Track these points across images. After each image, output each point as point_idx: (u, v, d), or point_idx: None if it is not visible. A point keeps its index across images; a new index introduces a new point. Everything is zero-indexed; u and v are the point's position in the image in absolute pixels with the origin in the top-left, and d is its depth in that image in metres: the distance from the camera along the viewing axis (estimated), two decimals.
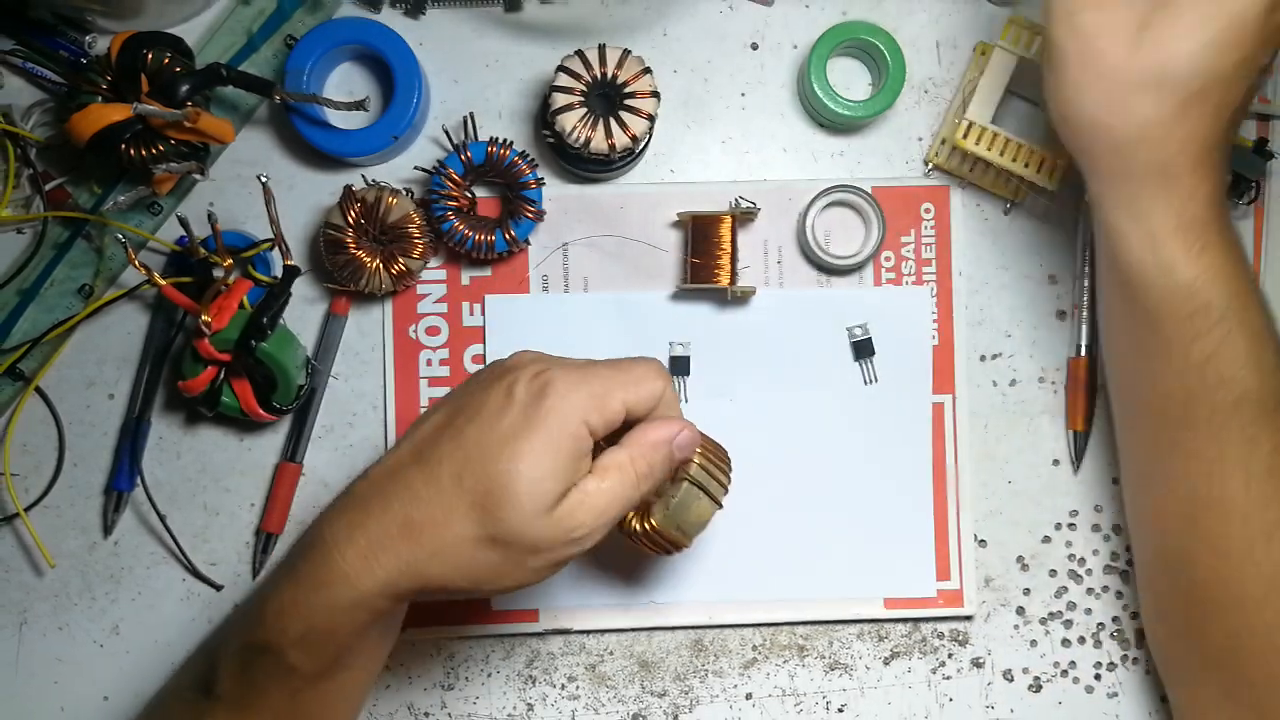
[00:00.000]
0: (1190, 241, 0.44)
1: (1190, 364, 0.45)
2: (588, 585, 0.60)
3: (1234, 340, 0.45)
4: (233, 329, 0.55)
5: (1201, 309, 0.44)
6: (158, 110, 0.54)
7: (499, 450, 0.43)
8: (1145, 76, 0.43)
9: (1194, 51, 0.42)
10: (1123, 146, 0.44)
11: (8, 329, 0.59)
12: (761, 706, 0.61)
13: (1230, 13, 0.42)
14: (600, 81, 0.56)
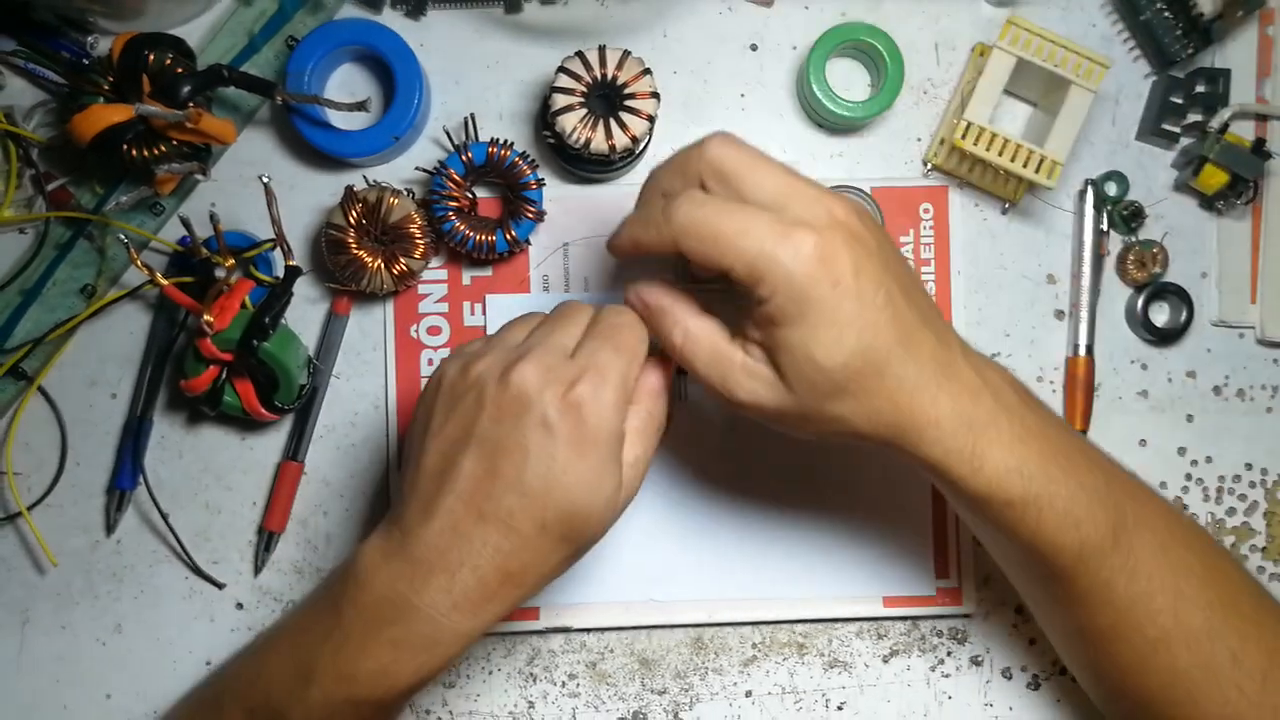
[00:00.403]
0: (965, 459, 0.46)
1: (1021, 543, 0.48)
2: (588, 583, 0.60)
3: (1047, 516, 0.47)
4: (235, 329, 0.55)
5: (1004, 504, 0.46)
6: (159, 111, 0.54)
7: (568, 486, 0.44)
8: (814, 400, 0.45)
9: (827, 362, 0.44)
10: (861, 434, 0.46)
11: (10, 329, 0.59)
12: (761, 704, 0.62)
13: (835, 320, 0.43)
14: (600, 82, 0.56)
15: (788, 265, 0.42)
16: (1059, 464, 0.47)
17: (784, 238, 0.42)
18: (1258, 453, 0.63)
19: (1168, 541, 0.49)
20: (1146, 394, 0.63)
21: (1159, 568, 0.48)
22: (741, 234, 0.43)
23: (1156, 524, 0.49)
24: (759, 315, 0.44)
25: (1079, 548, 0.47)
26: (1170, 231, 0.63)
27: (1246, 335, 0.63)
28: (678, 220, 0.44)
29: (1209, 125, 0.61)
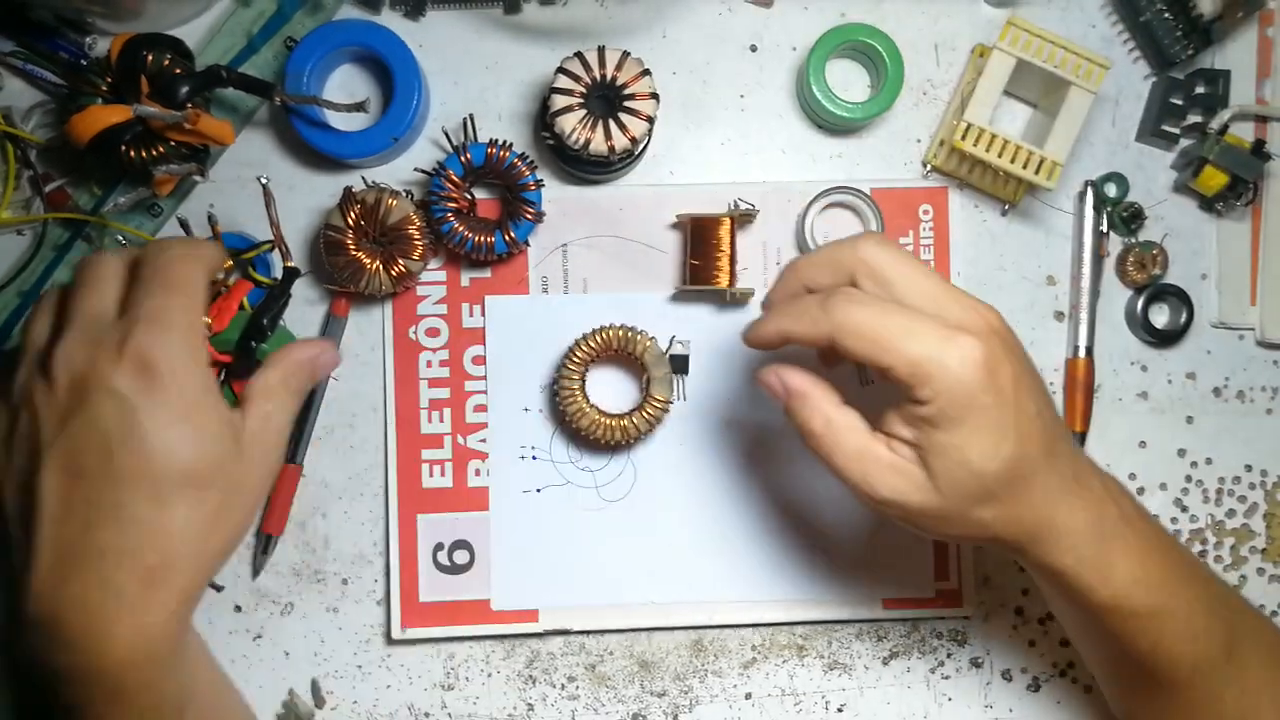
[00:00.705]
0: (1095, 567, 0.46)
1: (1141, 655, 0.48)
2: (588, 585, 0.60)
3: (1167, 628, 0.47)
4: (233, 330, 0.54)
5: (1128, 615, 0.47)
6: (158, 112, 0.54)
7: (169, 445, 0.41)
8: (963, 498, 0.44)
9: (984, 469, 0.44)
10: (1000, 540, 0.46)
11: (8, 330, 0.59)
12: (761, 706, 0.62)
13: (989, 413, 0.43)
14: (600, 83, 0.56)
15: (955, 370, 0.42)
16: (1179, 576, 0.47)
17: (949, 342, 0.42)
18: (1257, 454, 0.63)
19: (1276, 658, 0.50)
20: (1146, 395, 0.63)
21: (1267, 684, 0.49)
22: (907, 335, 0.42)
23: (1265, 639, 0.50)
24: (915, 415, 0.43)
25: (1195, 661, 0.47)
26: (1170, 233, 0.63)
27: (1246, 337, 0.63)
28: (839, 318, 0.43)
29: (1209, 126, 0.61)
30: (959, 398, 0.42)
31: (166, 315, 0.42)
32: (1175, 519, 0.63)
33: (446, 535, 0.60)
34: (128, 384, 0.40)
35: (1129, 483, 0.63)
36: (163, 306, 0.42)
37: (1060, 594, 0.49)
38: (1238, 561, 0.63)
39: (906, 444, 0.44)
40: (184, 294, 0.43)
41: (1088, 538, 0.46)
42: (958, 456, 0.43)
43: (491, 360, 0.61)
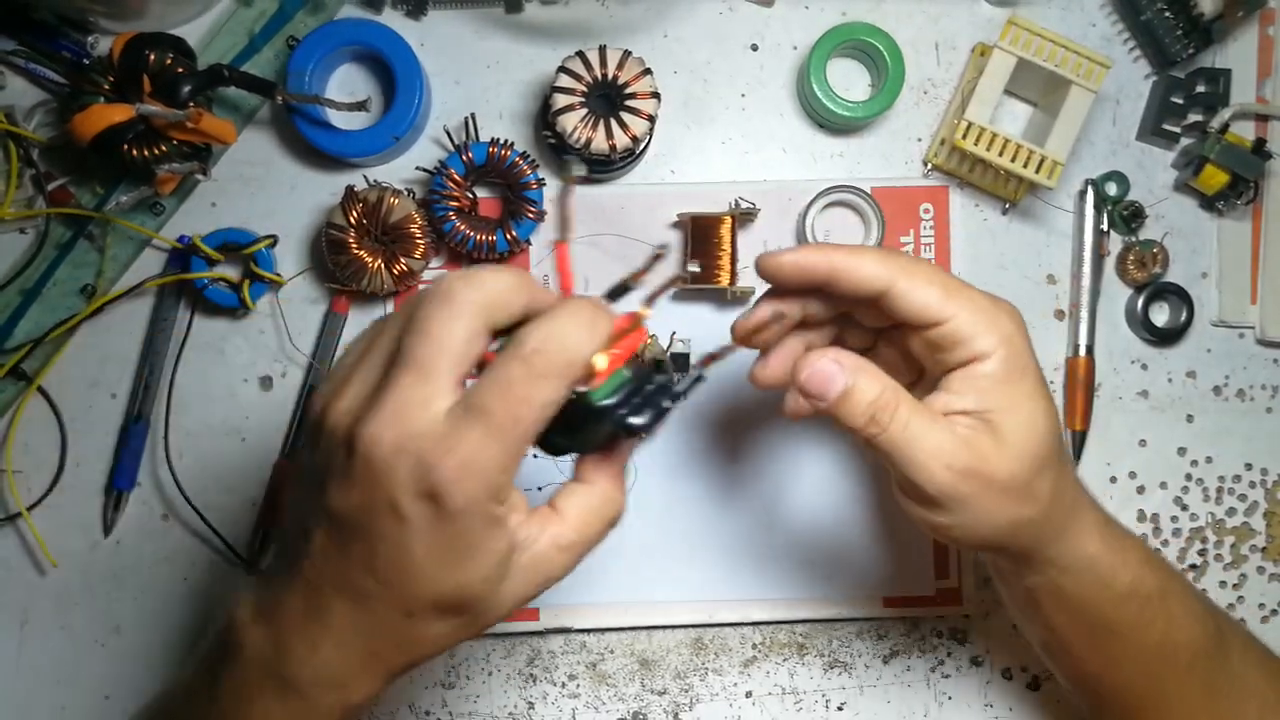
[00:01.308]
0: (1115, 549, 0.46)
1: (1149, 648, 0.48)
2: (588, 584, 0.60)
3: (1174, 610, 0.48)
4: (600, 392, 0.40)
5: (1145, 599, 0.47)
6: (160, 111, 0.54)
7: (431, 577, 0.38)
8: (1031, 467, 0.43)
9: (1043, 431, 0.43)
10: (1042, 524, 0.45)
11: (10, 329, 0.59)
12: (761, 705, 0.62)
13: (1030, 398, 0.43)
14: (601, 82, 0.56)
15: (1010, 326, 0.43)
16: (1169, 569, 0.48)
17: (998, 304, 0.43)
18: (1258, 453, 0.63)
19: (1250, 651, 0.51)
20: (1146, 394, 0.63)
21: (1249, 676, 0.50)
22: (968, 289, 0.43)
23: (1243, 635, 0.51)
24: (978, 374, 0.43)
25: (1195, 646, 0.48)
26: (1170, 232, 0.63)
27: (1246, 335, 0.63)
28: (904, 263, 0.43)
29: (1209, 125, 0.61)
30: (1021, 350, 0.43)
31: (485, 456, 0.36)
32: (1175, 517, 0.63)
33: None
34: (416, 511, 0.37)
35: (1129, 481, 0.63)
36: (485, 446, 0.36)
37: (1074, 597, 0.47)
38: (1238, 560, 0.63)
39: (968, 415, 0.43)
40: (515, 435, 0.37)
41: (1102, 522, 0.46)
42: (1028, 410, 0.43)
43: None
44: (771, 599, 0.61)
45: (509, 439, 0.36)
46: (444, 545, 0.37)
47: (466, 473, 0.36)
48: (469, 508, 0.36)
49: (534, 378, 0.36)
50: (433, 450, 0.36)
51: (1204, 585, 0.63)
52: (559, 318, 0.37)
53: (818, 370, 0.43)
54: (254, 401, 0.61)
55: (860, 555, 0.61)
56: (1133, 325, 0.63)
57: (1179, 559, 0.63)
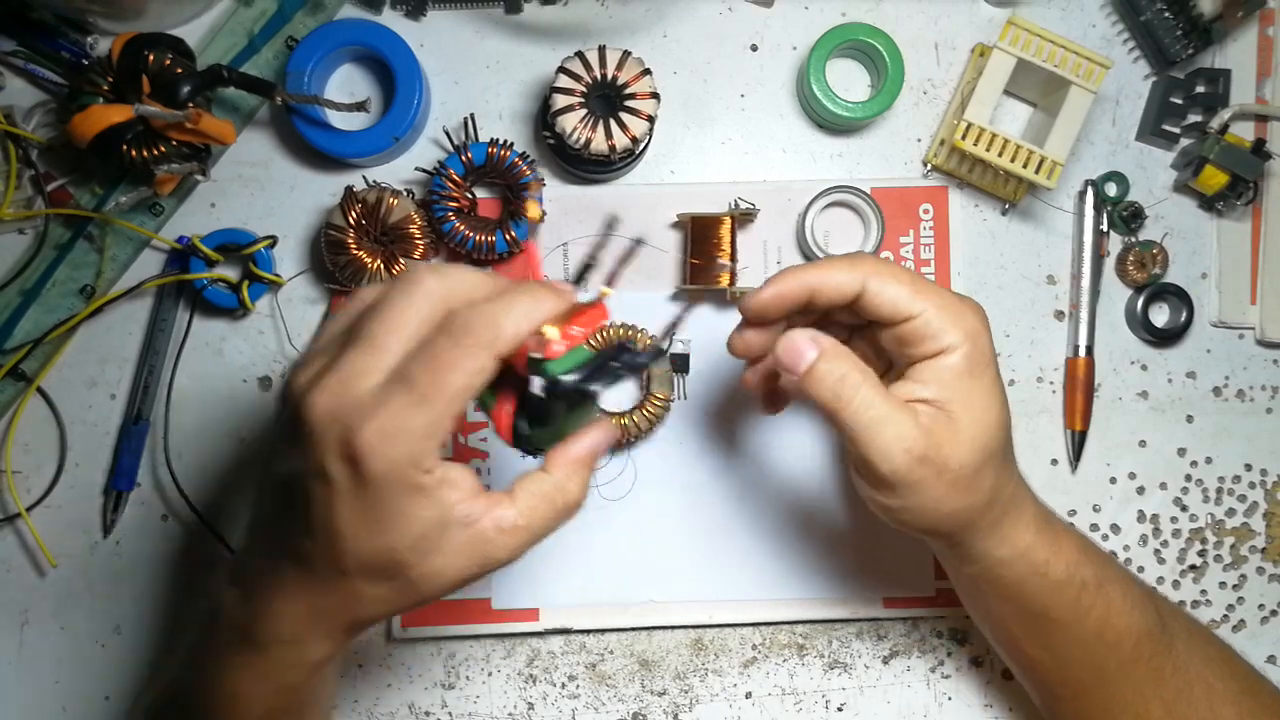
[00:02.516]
0: (1049, 541, 0.49)
1: (1088, 634, 0.49)
2: (588, 584, 0.60)
3: (1113, 598, 0.49)
4: (562, 364, 0.42)
5: (1080, 587, 0.49)
6: (159, 111, 0.54)
7: (358, 538, 0.40)
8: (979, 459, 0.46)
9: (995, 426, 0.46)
10: (982, 514, 0.47)
11: (10, 329, 0.59)
12: (761, 705, 0.62)
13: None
14: (600, 83, 0.56)
15: (975, 322, 0.46)
16: (1107, 559, 0.50)
17: (963, 301, 0.46)
18: (1257, 453, 0.63)
19: (1194, 635, 0.51)
20: (1146, 395, 0.63)
21: (1192, 660, 0.50)
22: (936, 288, 0.46)
23: (1184, 620, 0.52)
24: (941, 366, 0.45)
25: (1138, 633, 0.49)
26: (1170, 232, 0.63)
27: (1246, 336, 0.63)
28: (873, 267, 0.46)
29: (1209, 126, 0.61)
30: (982, 346, 0.46)
31: (406, 423, 0.38)
32: (1175, 518, 0.63)
33: None
34: (339, 473, 0.39)
35: (1129, 482, 0.63)
36: (407, 415, 0.38)
37: (1011, 585, 0.49)
38: (1238, 560, 0.63)
39: (929, 404, 0.45)
40: (440, 403, 0.39)
41: (1039, 513, 0.49)
42: (983, 404, 0.45)
43: None
44: (771, 599, 0.61)
45: (433, 407, 0.38)
46: (365, 509, 0.39)
47: (385, 438, 0.38)
48: (388, 472, 0.39)
49: (459, 348, 0.39)
50: (356, 415, 0.38)
51: (1204, 585, 0.63)
52: (495, 299, 0.40)
53: (792, 344, 0.45)
54: (253, 402, 0.61)
55: (860, 555, 0.61)
56: (1132, 326, 0.63)
57: (1179, 559, 0.63)
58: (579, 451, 0.44)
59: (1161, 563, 0.63)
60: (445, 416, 0.39)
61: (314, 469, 0.39)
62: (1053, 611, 0.49)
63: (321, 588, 0.41)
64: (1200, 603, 0.63)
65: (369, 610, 0.42)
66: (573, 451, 0.43)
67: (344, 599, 0.42)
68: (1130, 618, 0.49)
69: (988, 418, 0.46)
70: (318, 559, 0.41)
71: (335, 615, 0.42)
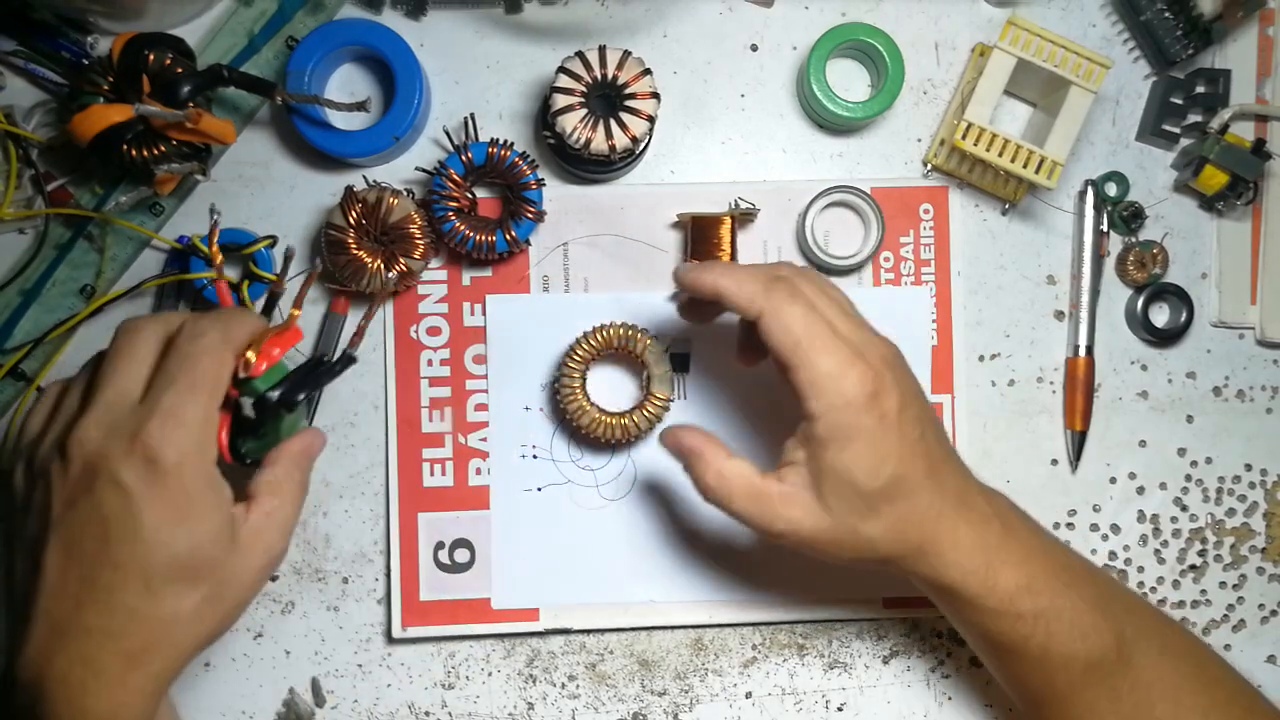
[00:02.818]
0: (981, 578, 0.49)
1: (1032, 659, 0.50)
2: (588, 584, 0.60)
3: (1055, 629, 0.49)
4: (265, 380, 0.48)
5: (1016, 618, 0.49)
6: (159, 111, 0.54)
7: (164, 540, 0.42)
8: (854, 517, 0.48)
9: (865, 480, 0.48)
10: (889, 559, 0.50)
11: (10, 329, 0.59)
12: (761, 705, 0.62)
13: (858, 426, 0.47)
14: (600, 83, 0.56)
15: (847, 392, 0.46)
16: (1063, 579, 0.50)
17: (850, 366, 0.46)
18: (1257, 453, 0.63)
19: (1164, 651, 0.51)
20: (1146, 395, 0.63)
21: (1158, 677, 0.50)
22: (823, 348, 0.47)
23: (1153, 635, 0.52)
24: (806, 434, 0.48)
25: (1087, 659, 0.49)
26: (1170, 232, 0.63)
27: (1246, 336, 0.63)
28: (776, 303, 0.47)
29: (1209, 126, 0.61)
30: (846, 416, 0.47)
31: (182, 412, 0.43)
32: (1175, 518, 0.63)
33: (447, 534, 0.60)
34: (133, 476, 0.42)
35: (1129, 482, 0.63)
36: (180, 403, 0.43)
37: (955, 610, 0.51)
38: (1238, 560, 0.63)
39: (799, 467, 0.48)
40: (204, 390, 0.44)
41: (971, 552, 0.49)
42: (845, 475, 0.47)
43: (492, 359, 0.61)
44: (771, 599, 0.61)
45: (199, 394, 0.44)
46: (168, 503, 0.42)
47: (170, 426, 0.43)
48: (182, 460, 0.43)
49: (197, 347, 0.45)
50: (133, 422, 0.43)
51: (1204, 585, 0.63)
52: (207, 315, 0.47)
53: (664, 444, 0.52)
54: None
55: None
56: (1133, 326, 0.63)
57: (1179, 559, 0.63)
58: (294, 447, 0.49)
59: (1161, 563, 0.63)
60: (211, 407, 0.44)
61: (106, 487, 0.42)
62: (990, 636, 0.51)
63: (130, 622, 0.43)
64: (1200, 603, 0.63)
65: (180, 634, 0.44)
66: (288, 448, 0.49)
67: (155, 627, 0.43)
68: (1075, 645, 0.49)
69: (850, 487, 0.47)
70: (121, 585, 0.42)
71: (148, 655, 0.43)
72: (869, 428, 0.47)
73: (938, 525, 0.49)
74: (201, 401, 0.44)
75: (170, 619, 0.44)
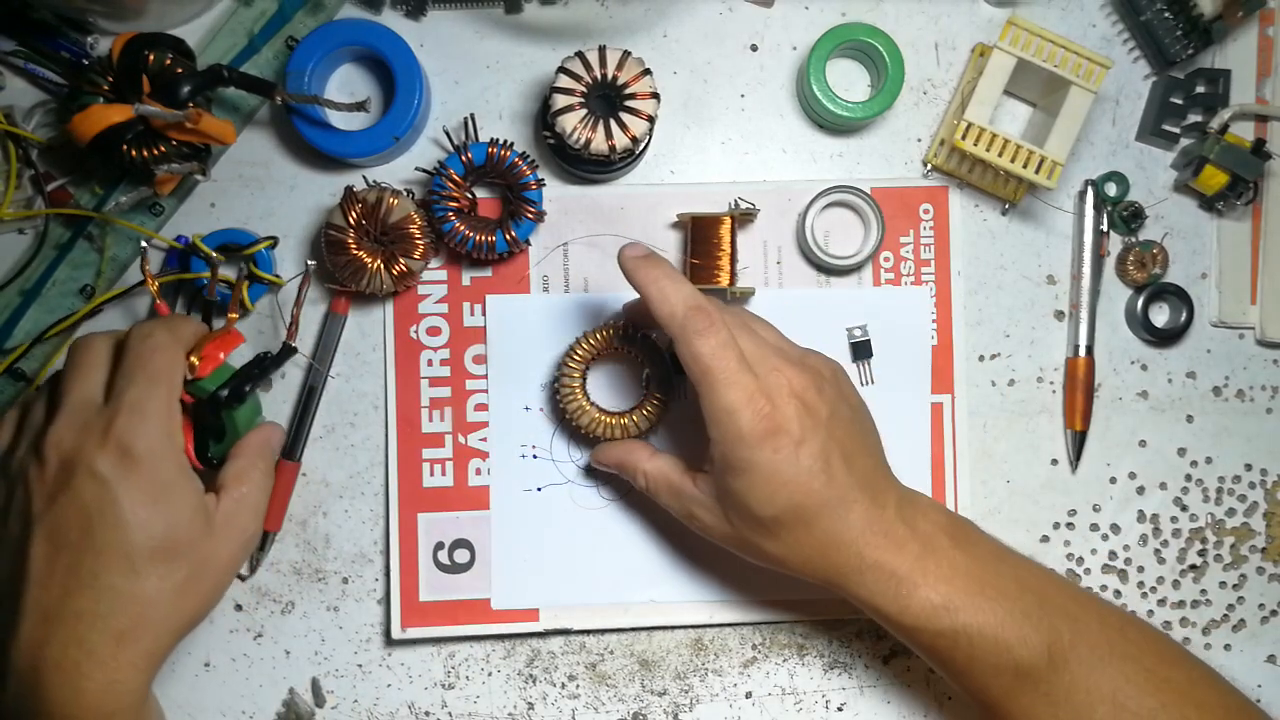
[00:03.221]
0: (894, 597, 0.50)
1: (959, 669, 0.51)
2: (588, 584, 0.60)
3: (978, 641, 0.50)
4: (212, 380, 0.54)
5: (934, 634, 0.50)
6: (159, 111, 0.54)
7: (142, 521, 0.46)
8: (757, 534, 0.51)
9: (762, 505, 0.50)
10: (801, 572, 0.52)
11: (10, 329, 0.59)
12: (761, 705, 0.62)
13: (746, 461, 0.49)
14: (600, 83, 0.56)
15: (744, 429, 0.48)
16: (987, 595, 0.51)
17: (751, 404, 0.48)
18: (1257, 453, 0.63)
19: (1106, 653, 0.51)
20: (1146, 394, 0.63)
21: (1097, 681, 0.50)
22: (727, 383, 0.48)
23: (1095, 638, 0.51)
24: (711, 453, 0.51)
25: (1014, 669, 0.50)
26: (1170, 232, 0.63)
27: (1246, 336, 0.63)
28: (690, 336, 0.48)
29: (1209, 126, 0.61)
30: (740, 450, 0.49)
31: (145, 404, 0.47)
32: (1175, 518, 0.63)
33: (447, 534, 0.60)
34: (109, 467, 0.46)
35: (1129, 482, 0.63)
36: (142, 396, 0.47)
37: (877, 618, 0.53)
38: (1238, 560, 0.63)
39: (710, 478, 0.52)
40: (163, 383, 0.48)
41: (879, 576, 0.50)
42: (739, 500, 0.50)
43: (492, 359, 0.61)
44: (771, 599, 0.61)
45: (159, 385, 0.48)
46: (143, 489, 0.46)
47: (137, 419, 0.46)
48: (153, 448, 0.47)
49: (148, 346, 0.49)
50: (103, 416, 0.47)
51: (1204, 585, 0.63)
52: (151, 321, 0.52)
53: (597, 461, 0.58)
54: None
55: None
56: (1133, 325, 0.63)
57: (1179, 559, 0.63)
58: (254, 439, 0.55)
59: (1161, 562, 0.63)
60: (172, 398, 0.48)
61: (84, 478, 0.46)
62: (917, 648, 0.52)
63: (116, 603, 0.46)
64: (1200, 603, 0.63)
65: (164, 613, 0.47)
66: (248, 441, 0.55)
67: (140, 607, 0.47)
68: (1001, 658, 0.50)
69: (742, 509, 0.50)
70: (105, 570, 0.46)
71: (137, 633, 0.47)
72: (762, 462, 0.48)
73: (842, 552, 0.50)
74: (161, 394, 0.48)
75: (155, 597, 0.47)
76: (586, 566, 0.61)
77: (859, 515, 0.50)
